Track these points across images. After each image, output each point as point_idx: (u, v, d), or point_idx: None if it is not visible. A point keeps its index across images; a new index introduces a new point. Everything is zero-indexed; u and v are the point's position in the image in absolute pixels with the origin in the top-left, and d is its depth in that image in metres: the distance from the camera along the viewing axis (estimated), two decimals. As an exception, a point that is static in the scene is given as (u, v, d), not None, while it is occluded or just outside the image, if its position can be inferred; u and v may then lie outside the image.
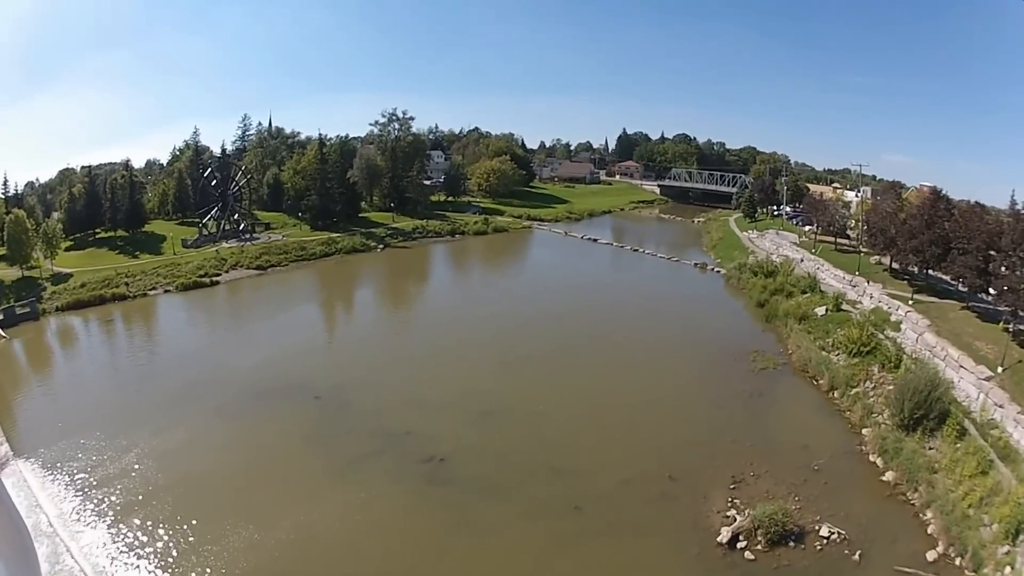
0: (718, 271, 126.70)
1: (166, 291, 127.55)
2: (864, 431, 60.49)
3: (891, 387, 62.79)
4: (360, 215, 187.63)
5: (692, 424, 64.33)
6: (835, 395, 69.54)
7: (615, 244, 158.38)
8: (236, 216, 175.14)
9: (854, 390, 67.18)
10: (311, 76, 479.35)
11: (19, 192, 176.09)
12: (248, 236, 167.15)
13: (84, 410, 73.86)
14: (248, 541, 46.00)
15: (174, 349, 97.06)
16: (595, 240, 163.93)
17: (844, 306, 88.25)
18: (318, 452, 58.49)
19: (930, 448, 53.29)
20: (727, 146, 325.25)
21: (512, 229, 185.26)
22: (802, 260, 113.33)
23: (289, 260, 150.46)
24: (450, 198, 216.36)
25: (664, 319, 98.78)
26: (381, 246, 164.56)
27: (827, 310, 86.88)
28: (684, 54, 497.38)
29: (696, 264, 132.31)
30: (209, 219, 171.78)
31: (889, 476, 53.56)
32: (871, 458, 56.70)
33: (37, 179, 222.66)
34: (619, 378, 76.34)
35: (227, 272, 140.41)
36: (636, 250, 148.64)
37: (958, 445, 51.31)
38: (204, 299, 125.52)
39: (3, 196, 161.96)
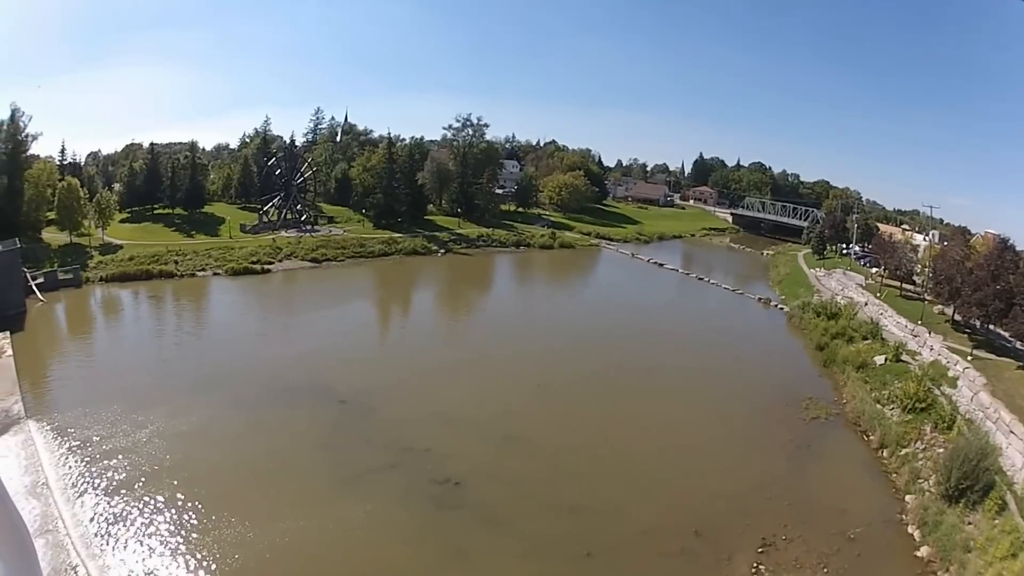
0: (781, 308, 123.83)
1: (215, 274, 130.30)
2: (908, 497, 56.44)
3: (941, 450, 59.70)
4: (426, 218, 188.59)
5: (730, 473, 60.81)
6: (884, 454, 66.00)
7: (681, 271, 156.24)
8: (299, 207, 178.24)
9: (904, 450, 64.40)
10: (387, 74, 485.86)
11: (77, 161, 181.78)
12: (308, 228, 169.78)
13: (107, 381, 75.41)
14: (239, 537, 45.65)
15: (210, 333, 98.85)
16: (661, 265, 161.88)
17: (904, 357, 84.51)
18: (330, 458, 57.66)
19: (969, 523, 49.30)
20: (801, 178, 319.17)
21: (579, 246, 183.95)
22: (866, 304, 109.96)
23: (346, 256, 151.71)
24: (520, 209, 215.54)
25: (719, 354, 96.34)
26: (442, 251, 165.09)
27: (886, 360, 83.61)
28: (762, 80, 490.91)
29: (760, 299, 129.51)
30: (270, 207, 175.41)
31: (924, 552, 49.61)
32: (909, 529, 52.75)
33: (100, 150, 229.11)
34: (662, 413, 73.65)
35: (280, 261, 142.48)
36: (701, 279, 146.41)
37: (996, 521, 47.55)
38: (252, 286, 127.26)
39: (59, 163, 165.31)
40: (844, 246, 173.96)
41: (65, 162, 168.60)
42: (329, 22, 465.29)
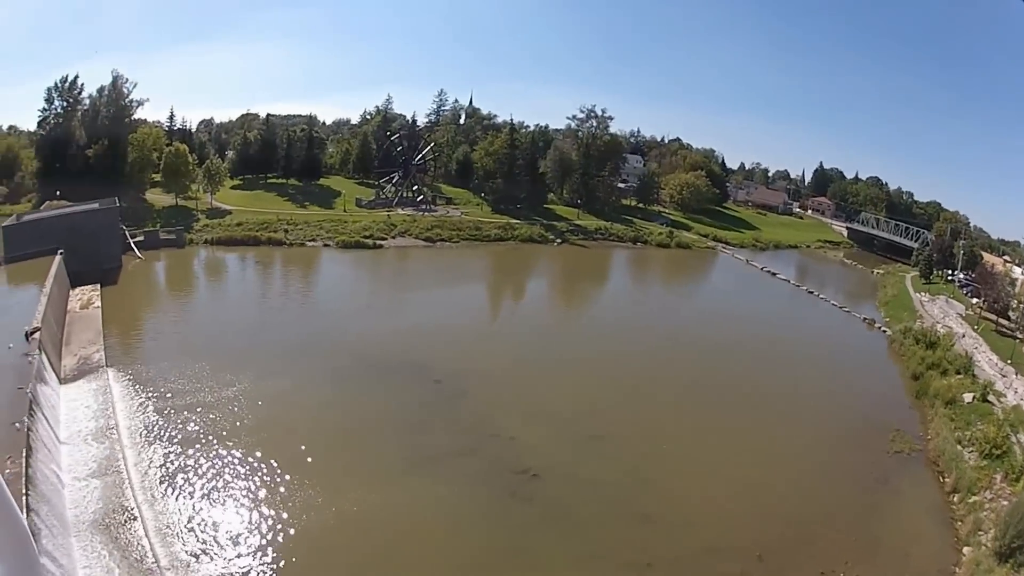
0: (885, 330, 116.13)
1: (325, 245, 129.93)
2: (965, 549, 52.12)
3: (1006, 502, 55.12)
4: (545, 206, 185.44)
5: (804, 498, 56.41)
6: (955, 499, 60.23)
7: (793, 282, 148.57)
8: (416, 186, 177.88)
9: (973, 498, 58.06)
10: (514, 60, 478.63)
11: (187, 127, 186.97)
12: (425, 207, 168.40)
13: (198, 338, 75.72)
14: (307, 502, 45.41)
15: (314, 301, 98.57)
16: (775, 274, 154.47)
17: (990, 397, 77.47)
18: (414, 436, 56.67)
19: (1015, 585, 45.64)
20: (915, 197, 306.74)
21: (696, 247, 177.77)
22: (963, 335, 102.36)
23: (461, 237, 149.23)
24: (640, 204, 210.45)
25: (816, 372, 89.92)
26: (559, 240, 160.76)
27: (973, 398, 77.11)
28: (885, 93, 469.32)
29: (865, 319, 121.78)
30: (388, 183, 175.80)
31: (967, 610, 46.15)
32: (959, 584, 48.81)
33: (212, 119, 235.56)
34: (749, 428, 68.50)
35: (393, 238, 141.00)
36: (812, 292, 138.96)
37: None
38: (361, 260, 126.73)
39: (167, 128, 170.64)
40: (949, 272, 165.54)
41: (174, 128, 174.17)
42: (452, 5, 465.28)
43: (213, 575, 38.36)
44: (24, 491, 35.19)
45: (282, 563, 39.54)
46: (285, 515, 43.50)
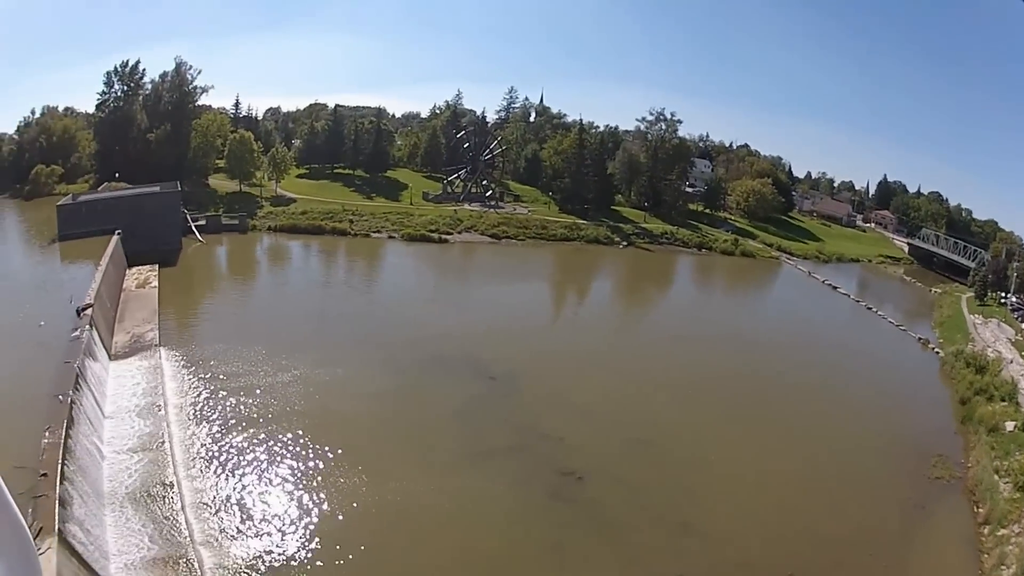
0: (938, 352, 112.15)
1: (390, 237, 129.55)
2: None
3: None
4: (612, 207, 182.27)
5: (842, 519, 54.29)
6: (985, 531, 57.87)
7: (853, 297, 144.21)
8: (484, 182, 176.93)
9: (1002, 531, 55.91)
10: (585, 60, 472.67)
11: (254, 115, 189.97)
12: (492, 203, 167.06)
13: (255, 322, 76.47)
14: (351, 487, 45.74)
15: (376, 292, 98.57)
16: (835, 288, 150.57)
17: None
18: (464, 431, 56.62)
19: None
20: (974, 215, 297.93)
21: (759, 256, 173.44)
22: (1011, 361, 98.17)
23: (527, 236, 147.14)
24: (707, 210, 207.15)
25: (867, 391, 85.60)
26: (624, 243, 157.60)
27: (1016, 427, 73.74)
28: (946, 105, 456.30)
29: (920, 339, 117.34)
30: (456, 179, 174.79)
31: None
32: (974, 620, 48.42)
33: (279, 107, 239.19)
34: (795, 442, 66.75)
35: (459, 233, 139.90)
36: (870, 308, 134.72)
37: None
38: (426, 253, 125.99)
39: (233, 115, 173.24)
40: (1003, 295, 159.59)
41: (240, 115, 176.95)
42: (528, 3, 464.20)
43: (247, 554, 38.46)
44: (60, 461, 35.30)
45: (319, 547, 39.55)
46: (327, 500, 43.70)
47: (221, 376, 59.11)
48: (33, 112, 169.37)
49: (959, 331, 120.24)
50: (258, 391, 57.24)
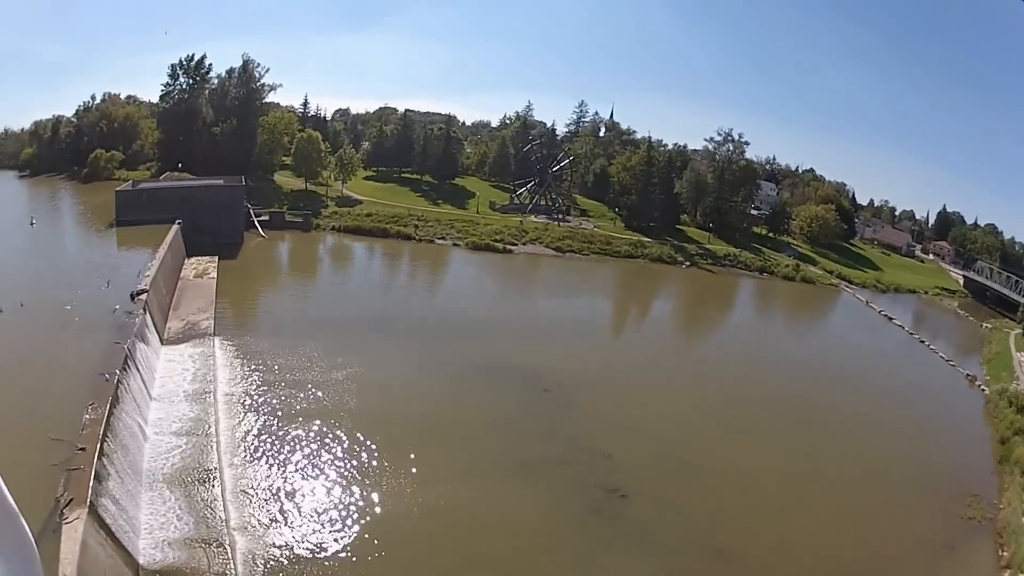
0: (983, 389, 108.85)
1: (455, 244, 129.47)
2: None
3: None
4: (677, 227, 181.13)
5: (870, 557, 52.56)
6: (1006, 575, 56.66)
7: (907, 329, 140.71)
8: (552, 194, 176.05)
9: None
10: (655, 76, 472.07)
11: (322, 115, 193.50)
12: (559, 216, 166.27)
13: (313, 318, 76.52)
14: (395, 488, 45.89)
15: (437, 297, 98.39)
16: (890, 319, 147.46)
17: None
18: (512, 440, 56.21)
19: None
20: None
21: (819, 283, 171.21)
22: None
23: (591, 251, 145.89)
24: (770, 233, 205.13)
25: (910, 425, 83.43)
26: (687, 263, 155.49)
27: None
28: (1003, 138, 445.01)
29: (968, 375, 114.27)
30: (523, 190, 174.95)
31: None
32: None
33: (348, 108, 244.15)
34: (833, 474, 64.51)
35: (524, 244, 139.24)
36: (923, 342, 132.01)
37: None
38: (490, 262, 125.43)
39: (301, 114, 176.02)
40: None
41: (308, 114, 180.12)
42: (597, 15, 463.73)
43: (281, 542, 38.57)
44: (101, 437, 35.51)
45: (355, 542, 39.64)
46: (369, 498, 43.89)
47: (274, 368, 59.27)
48: (93, 98, 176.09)
49: (1005, 368, 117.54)
50: (311, 386, 57.27)
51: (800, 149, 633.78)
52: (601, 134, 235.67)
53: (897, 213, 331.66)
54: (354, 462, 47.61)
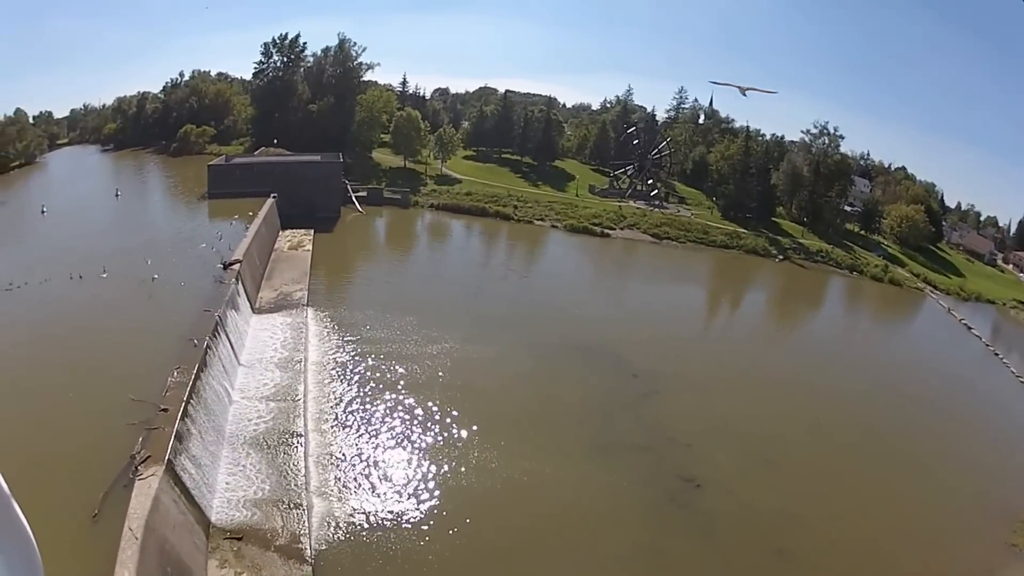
0: None
1: (553, 226, 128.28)
2: None
3: None
4: (772, 219, 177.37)
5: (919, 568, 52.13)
6: None
7: (984, 340, 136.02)
8: (650, 180, 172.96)
9: None
10: (755, 64, 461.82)
11: (421, 94, 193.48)
12: (657, 203, 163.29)
13: (408, 294, 76.32)
14: (481, 461, 46.61)
15: (534, 278, 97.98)
16: (969, 328, 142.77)
17: None
18: (597, 423, 56.28)
19: None
20: None
21: (905, 286, 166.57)
22: None
23: (687, 239, 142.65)
24: (862, 231, 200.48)
25: (973, 443, 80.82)
26: (780, 257, 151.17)
27: None
28: None
29: None
30: (623, 174, 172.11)
31: None
32: None
33: (448, 88, 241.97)
34: (892, 483, 62.52)
35: (621, 229, 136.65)
36: (997, 355, 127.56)
37: None
38: (587, 245, 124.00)
39: (399, 93, 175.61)
40: None
41: (407, 93, 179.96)
42: (699, 3, 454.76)
43: (361, 509, 39.36)
44: (186, 399, 36.83)
45: (434, 513, 40.40)
46: (455, 471, 44.64)
47: (367, 340, 59.70)
48: (181, 74, 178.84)
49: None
50: (404, 359, 57.67)
51: (894, 146, 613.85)
52: (700, 121, 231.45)
53: (982, 219, 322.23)
54: (443, 435, 48.08)
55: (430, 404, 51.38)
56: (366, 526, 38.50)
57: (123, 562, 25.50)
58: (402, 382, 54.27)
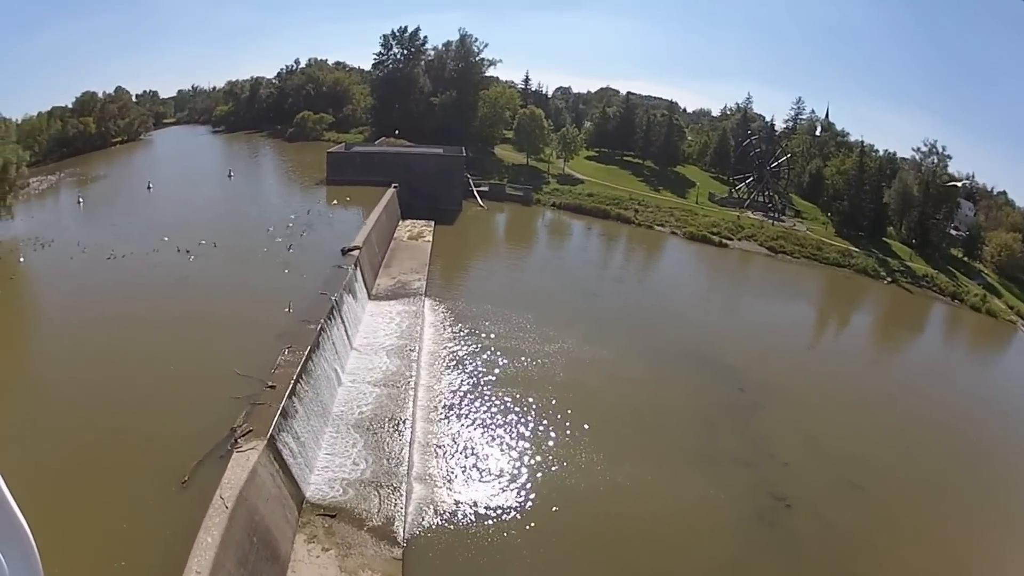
0: None
1: (672, 232, 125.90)
2: None
3: None
4: (883, 238, 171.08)
5: None
6: None
7: None
8: (769, 191, 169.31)
9: None
10: (871, 77, 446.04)
11: (543, 92, 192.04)
12: (775, 215, 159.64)
13: (530, 291, 76.21)
14: (585, 462, 46.17)
15: (648, 282, 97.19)
16: None
17: None
18: (701, 433, 55.63)
19: None
20: None
21: (999, 318, 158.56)
22: None
23: (802, 254, 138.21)
24: (964, 257, 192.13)
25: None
26: (888, 279, 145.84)
27: None
28: None
29: None
30: (742, 185, 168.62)
31: None
32: None
33: (570, 87, 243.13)
34: (964, 521, 56.91)
35: (739, 240, 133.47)
36: None
37: None
38: (705, 254, 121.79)
39: (522, 90, 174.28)
40: None
41: (529, 90, 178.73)
42: (819, 13, 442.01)
43: (460, 499, 39.33)
44: (295, 378, 37.52)
45: (534, 510, 40.20)
46: (559, 469, 44.36)
47: (483, 334, 59.77)
48: (297, 61, 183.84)
49: None
50: (519, 355, 57.40)
51: (997, 169, 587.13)
52: (817, 133, 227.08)
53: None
54: (551, 433, 47.72)
55: (543, 401, 51.02)
56: (462, 516, 38.48)
57: (208, 528, 25.89)
58: (516, 377, 53.96)
